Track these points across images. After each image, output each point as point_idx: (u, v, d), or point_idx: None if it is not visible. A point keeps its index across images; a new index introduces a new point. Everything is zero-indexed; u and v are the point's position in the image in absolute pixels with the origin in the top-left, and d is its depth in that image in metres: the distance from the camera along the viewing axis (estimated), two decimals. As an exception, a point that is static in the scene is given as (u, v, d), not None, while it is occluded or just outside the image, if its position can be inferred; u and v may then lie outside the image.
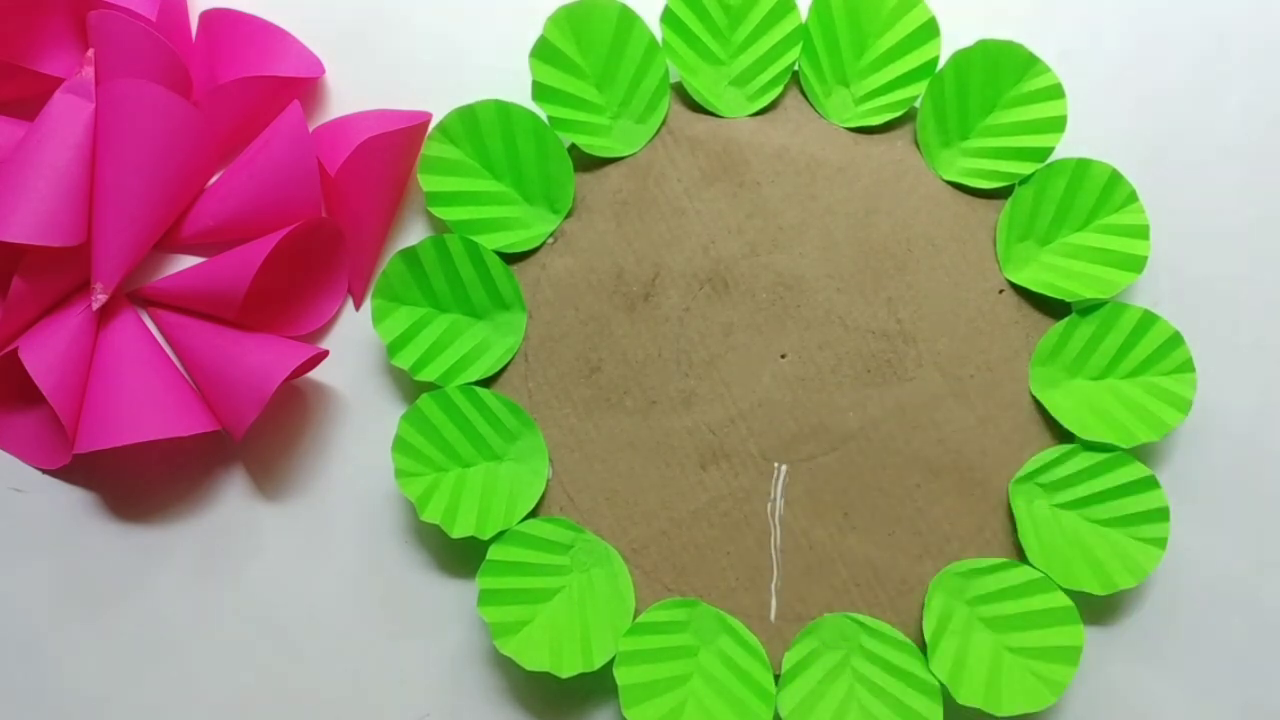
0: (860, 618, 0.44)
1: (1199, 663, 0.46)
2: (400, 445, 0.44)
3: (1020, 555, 0.44)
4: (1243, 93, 0.49)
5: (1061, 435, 0.45)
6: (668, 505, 0.45)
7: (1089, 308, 0.45)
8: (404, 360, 0.45)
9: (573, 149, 0.47)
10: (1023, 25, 0.49)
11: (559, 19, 0.45)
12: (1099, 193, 0.45)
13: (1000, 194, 0.47)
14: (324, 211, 0.46)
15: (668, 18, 0.46)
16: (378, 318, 0.45)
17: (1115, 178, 0.45)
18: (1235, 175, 0.49)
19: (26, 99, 0.46)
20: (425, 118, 0.47)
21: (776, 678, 0.43)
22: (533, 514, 0.45)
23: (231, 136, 0.46)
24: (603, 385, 0.46)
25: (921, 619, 0.43)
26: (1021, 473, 0.45)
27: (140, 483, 0.46)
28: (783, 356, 0.46)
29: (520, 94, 0.45)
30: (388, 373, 0.47)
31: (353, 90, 0.48)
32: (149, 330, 0.46)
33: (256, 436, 0.46)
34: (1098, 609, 0.45)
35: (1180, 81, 0.49)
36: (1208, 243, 0.48)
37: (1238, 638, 0.46)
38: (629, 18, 0.45)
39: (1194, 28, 0.49)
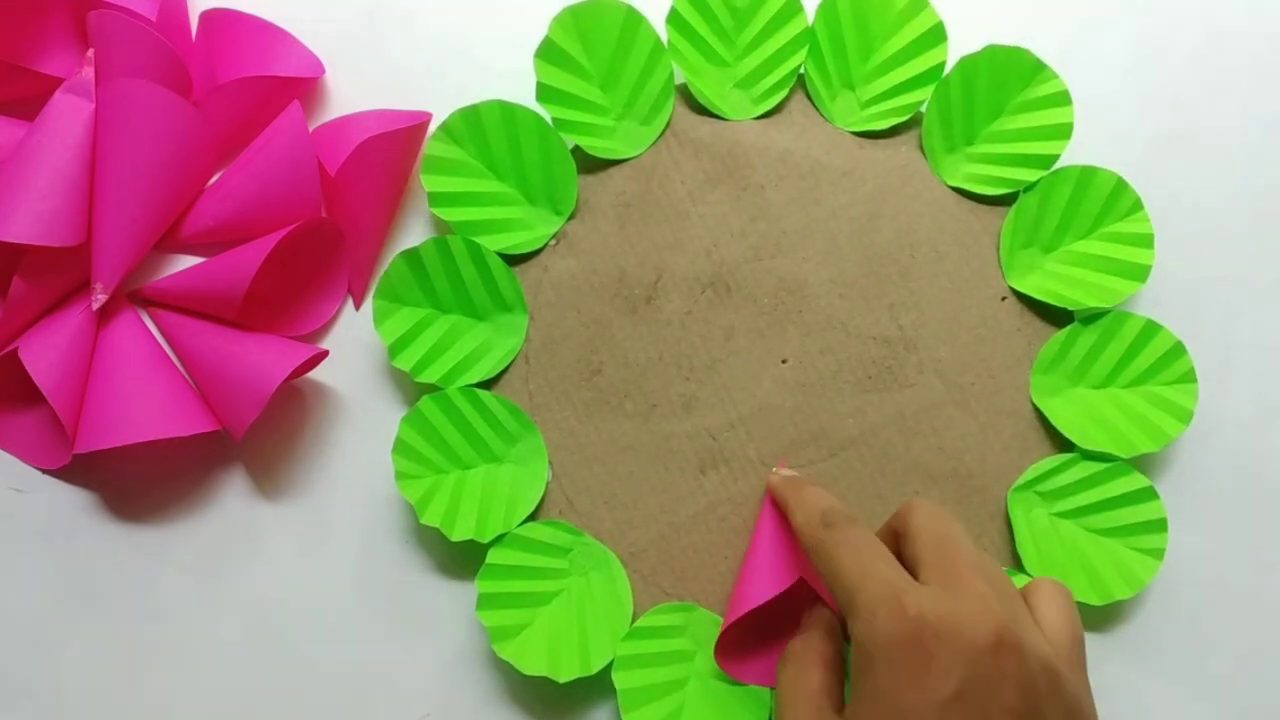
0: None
1: (1198, 665, 0.46)
2: (400, 447, 0.44)
3: (1018, 564, 0.45)
4: (1243, 93, 0.49)
5: (1062, 444, 0.45)
6: (667, 509, 0.45)
7: (1091, 316, 0.45)
8: (405, 361, 0.45)
9: (576, 150, 0.46)
10: (1024, 27, 0.48)
11: (564, 19, 0.45)
12: (1104, 201, 0.45)
13: (1005, 200, 0.46)
14: (324, 211, 0.46)
15: (673, 19, 0.45)
16: (379, 318, 0.45)
17: (1120, 186, 0.45)
18: (1235, 176, 0.48)
19: (26, 99, 0.45)
20: (425, 118, 0.46)
21: (773, 684, 0.44)
22: (532, 517, 0.45)
23: (231, 136, 0.46)
24: (603, 388, 0.46)
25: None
26: (1020, 481, 0.45)
27: (140, 483, 0.46)
28: (784, 361, 0.46)
29: (524, 95, 0.45)
30: (388, 374, 0.47)
31: (353, 90, 0.48)
32: (149, 330, 0.46)
33: (256, 436, 0.46)
34: (1097, 612, 0.46)
35: (1180, 82, 0.49)
36: (1208, 245, 0.48)
37: (1236, 641, 0.46)
38: (634, 19, 0.45)
39: (1194, 28, 0.49)
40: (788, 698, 0.37)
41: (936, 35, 0.46)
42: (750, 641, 0.43)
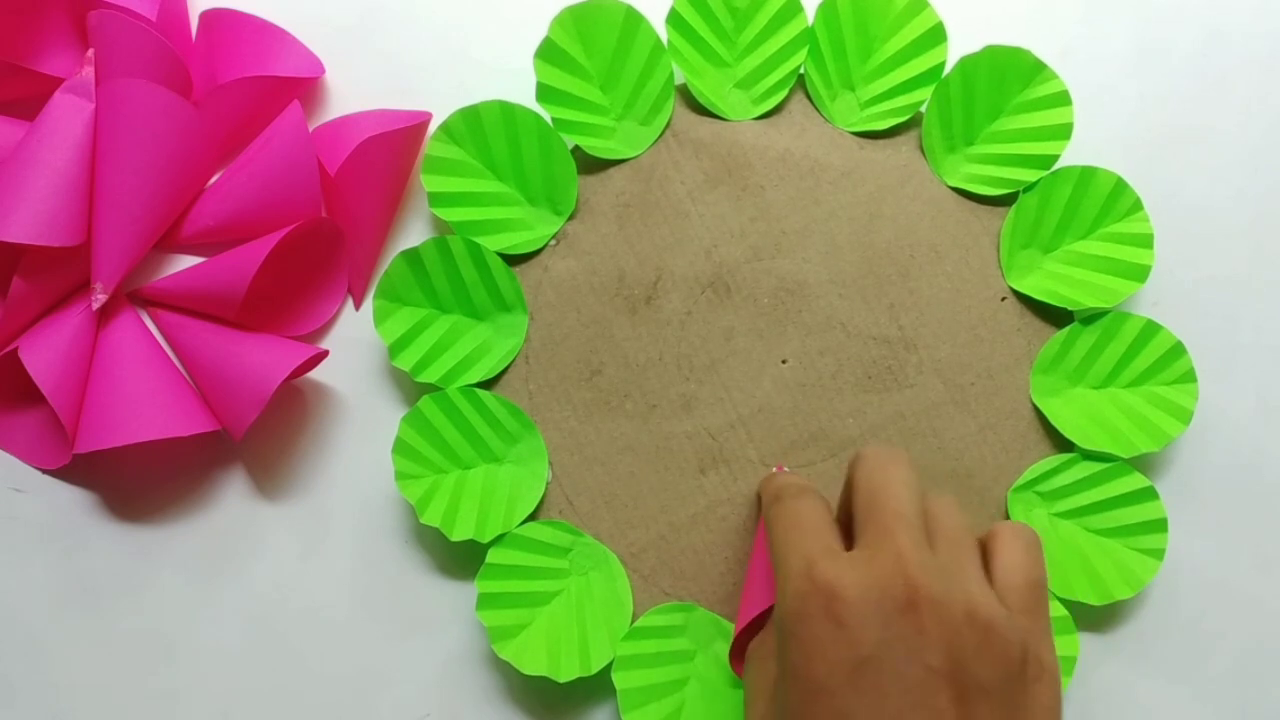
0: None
1: (1198, 665, 0.46)
2: (400, 447, 0.44)
3: (1018, 564, 0.44)
4: (1243, 93, 0.49)
5: (1062, 444, 0.45)
6: (666, 509, 0.45)
7: (1091, 316, 0.45)
8: (405, 361, 0.45)
9: (576, 150, 0.46)
10: (1024, 27, 0.49)
11: (564, 20, 0.45)
12: (1104, 201, 0.45)
13: (1004, 201, 0.46)
14: (324, 211, 0.46)
15: (673, 19, 0.45)
16: (379, 318, 0.45)
17: (1120, 186, 0.45)
18: (1235, 176, 0.48)
19: (26, 99, 0.45)
20: (425, 117, 0.46)
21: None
22: (532, 517, 0.45)
23: (231, 136, 0.46)
24: (603, 388, 0.46)
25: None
26: (1020, 481, 0.45)
27: (140, 483, 0.46)
28: (783, 362, 0.46)
29: (524, 94, 0.45)
30: (388, 373, 0.47)
31: (353, 90, 0.48)
32: (149, 330, 0.46)
33: (256, 436, 0.46)
34: (1098, 612, 0.46)
35: (1180, 82, 0.49)
36: (1208, 245, 0.48)
37: (1236, 641, 0.46)
38: (634, 19, 0.45)
39: (1194, 28, 0.49)
40: (750, 692, 0.36)
41: (936, 35, 0.46)
42: None
